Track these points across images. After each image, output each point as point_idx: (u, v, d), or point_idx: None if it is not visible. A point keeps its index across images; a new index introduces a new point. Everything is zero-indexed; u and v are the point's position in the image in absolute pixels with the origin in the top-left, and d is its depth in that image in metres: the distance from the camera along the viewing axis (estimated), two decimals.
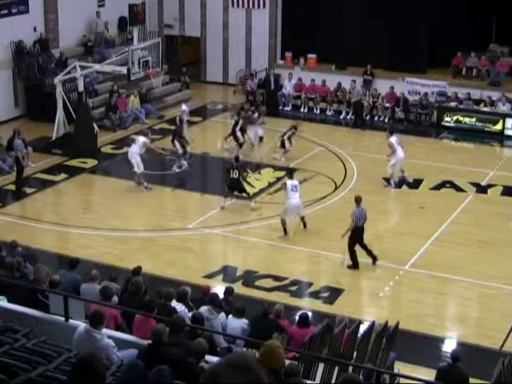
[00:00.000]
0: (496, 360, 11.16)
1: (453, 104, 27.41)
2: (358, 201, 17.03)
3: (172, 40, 33.46)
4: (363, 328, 12.37)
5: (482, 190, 21.56)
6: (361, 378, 8.43)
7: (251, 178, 21.64)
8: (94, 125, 24.65)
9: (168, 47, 32.86)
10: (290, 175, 19.39)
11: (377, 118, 28.30)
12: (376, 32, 28.80)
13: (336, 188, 21.54)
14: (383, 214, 20.42)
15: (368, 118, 28.27)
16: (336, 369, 10.31)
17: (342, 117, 28.64)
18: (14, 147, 21.61)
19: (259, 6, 30.93)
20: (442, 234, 18.74)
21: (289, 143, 23.48)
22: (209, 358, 8.82)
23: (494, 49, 29.23)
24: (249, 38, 31.44)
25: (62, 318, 9.82)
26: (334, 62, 30.01)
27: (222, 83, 32.16)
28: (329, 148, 24.85)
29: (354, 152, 24.55)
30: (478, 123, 26.71)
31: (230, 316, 12.15)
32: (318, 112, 29.09)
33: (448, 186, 21.75)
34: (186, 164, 22.73)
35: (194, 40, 32.82)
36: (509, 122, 26.33)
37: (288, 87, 29.65)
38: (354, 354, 11.44)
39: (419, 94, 28.12)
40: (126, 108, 27.00)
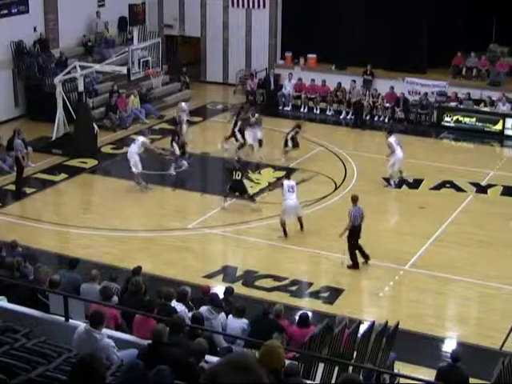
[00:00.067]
0: (496, 360, 11.16)
1: (453, 104, 27.40)
2: (355, 200, 17.02)
3: (172, 40, 33.45)
4: (363, 328, 12.37)
5: (481, 189, 21.56)
6: (361, 378, 8.43)
7: (253, 177, 21.63)
8: (94, 125, 24.65)
9: (168, 47, 32.86)
10: (287, 175, 19.36)
11: (377, 118, 28.29)
12: (376, 32, 28.79)
13: (336, 188, 21.54)
14: (383, 214, 20.43)
15: (368, 118, 28.26)
16: (336, 369, 10.31)
17: (341, 117, 28.64)
18: (14, 147, 21.62)
19: (259, 6, 30.94)
20: (442, 234, 18.74)
21: (291, 143, 23.46)
22: (209, 358, 8.82)
23: (494, 49, 29.22)
24: (249, 38, 31.44)
25: (62, 318, 9.83)
26: (334, 62, 30.00)
27: (222, 83, 32.16)
28: (329, 148, 24.85)
29: (354, 152, 24.55)
30: (477, 123, 26.70)
31: (230, 316, 12.14)
32: (318, 112, 29.09)
33: (448, 185, 21.75)
34: (186, 164, 22.71)
35: (194, 40, 32.82)
36: (509, 122, 26.32)
37: (288, 87, 29.64)
38: (354, 354, 11.44)
39: (419, 93, 28.11)
40: (125, 108, 27.00)
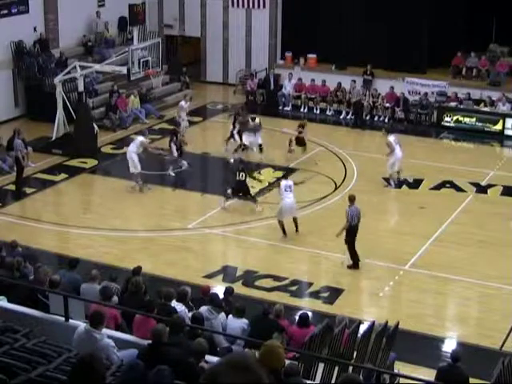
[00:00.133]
0: (496, 360, 11.16)
1: (453, 104, 27.40)
2: (352, 200, 17.03)
3: (172, 40, 33.45)
4: (363, 328, 12.37)
5: (482, 189, 21.55)
6: (361, 378, 8.43)
7: (255, 176, 21.62)
8: (94, 125, 24.65)
9: (168, 47, 32.86)
10: (285, 175, 19.33)
11: (377, 118, 28.29)
12: (376, 32, 28.79)
13: (336, 188, 21.53)
14: (383, 214, 20.44)
15: (368, 118, 28.26)
16: (336, 369, 10.31)
17: (342, 117, 28.63)
18: (14, 147, 21.62)
19: (259, 6, 30.93)
20: (442, 234, 18.74)
21: (294, 143, 23.45)
22: (209, 358, 8.82)
23: (494, 49, 29.22)
24: (249, 38, 31.44)
25: (62, 318, 9.83)
26: (334, 62, 30.00)
27: (222, 83, 32.16)
28: (329, 148, 24.85)
29: (354, 152, 24.54)
30: (477, 123, 26.70)
31: (230, 316, 12.14)
32: (318, 112, 29.08)
33: (448, 185, 21.74)
34: (186, 164, 22.70)
35: (194, 40, 32.82)
36: (509, 122, 26.32)
37: (288, 87, 29.64)
38: (354, 354, 11.44)
39: (419, 94, 28.10)
40: (126, 108, 26.99)
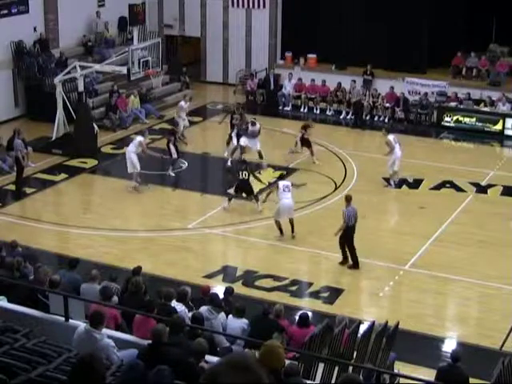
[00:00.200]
0: (496, 360, 11.16)
1: (453, 104, 27.40)
2: (349, 200, 17.04)
3: (172, 40, 33.45)
4: (363, 328, 12.36)
5: (482, 190, 21.55)
6: (361, 378, 8.43)
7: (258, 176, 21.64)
8: (94, 125, 24.64)
9: (168, 47, 32.85)
10: (284, 176, 19.33)
11: (377, 118, 28.29)
12: (376, 32, 28.79)
13: (336, 188, 21.53)
14: (383, 214, 20.44)
15: (368, 118, 28.26)
16: (336, 369, 10.31)
17: (342, 117, 28.63)
18: (14, 147, 21.62)
19: (259, 6, 30.93)
20: (442, 234, 18.73)
21: (300, 144, 23.44)
22: (209, 358, 8.82)
23: (494, 49, 29.22)
24: (249, 38, 31.44)
25: (62, 318, 9.82)
26: (334, 62, 30.00)
27: (222, 83, 32.16)
28: (329, 148, 24.85)
29: (354, 152, 24.54)
30: (477, 123, 26.69)
31: (230, 316, 12.14)
32: (318, 112, 29.08)
33: (448, 186, 21.74)
34: (185, 164, 22.66)
35: (194, 40, 32.82)
36: (509, 122, 26.31)
37: (288, 87, 29.64)
38: (354, 354, 11.44)
39: (419, 94, 28.10)
40: (126, 108, 26.99)
